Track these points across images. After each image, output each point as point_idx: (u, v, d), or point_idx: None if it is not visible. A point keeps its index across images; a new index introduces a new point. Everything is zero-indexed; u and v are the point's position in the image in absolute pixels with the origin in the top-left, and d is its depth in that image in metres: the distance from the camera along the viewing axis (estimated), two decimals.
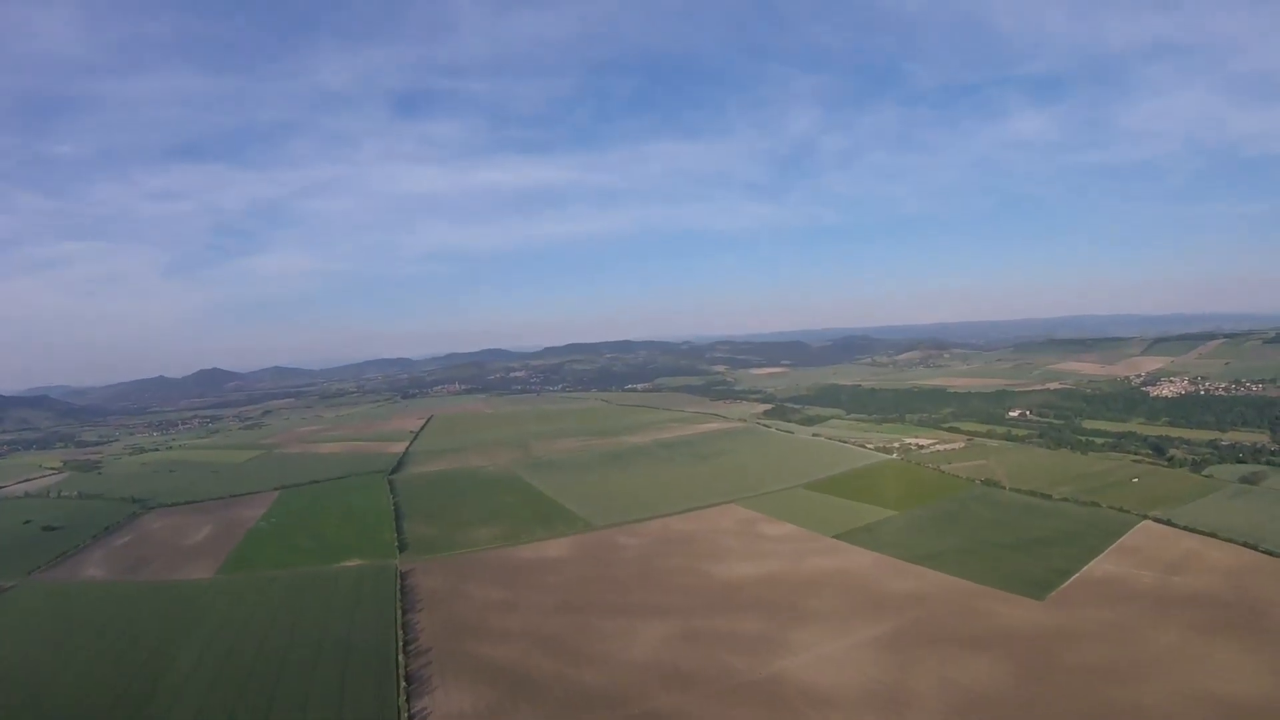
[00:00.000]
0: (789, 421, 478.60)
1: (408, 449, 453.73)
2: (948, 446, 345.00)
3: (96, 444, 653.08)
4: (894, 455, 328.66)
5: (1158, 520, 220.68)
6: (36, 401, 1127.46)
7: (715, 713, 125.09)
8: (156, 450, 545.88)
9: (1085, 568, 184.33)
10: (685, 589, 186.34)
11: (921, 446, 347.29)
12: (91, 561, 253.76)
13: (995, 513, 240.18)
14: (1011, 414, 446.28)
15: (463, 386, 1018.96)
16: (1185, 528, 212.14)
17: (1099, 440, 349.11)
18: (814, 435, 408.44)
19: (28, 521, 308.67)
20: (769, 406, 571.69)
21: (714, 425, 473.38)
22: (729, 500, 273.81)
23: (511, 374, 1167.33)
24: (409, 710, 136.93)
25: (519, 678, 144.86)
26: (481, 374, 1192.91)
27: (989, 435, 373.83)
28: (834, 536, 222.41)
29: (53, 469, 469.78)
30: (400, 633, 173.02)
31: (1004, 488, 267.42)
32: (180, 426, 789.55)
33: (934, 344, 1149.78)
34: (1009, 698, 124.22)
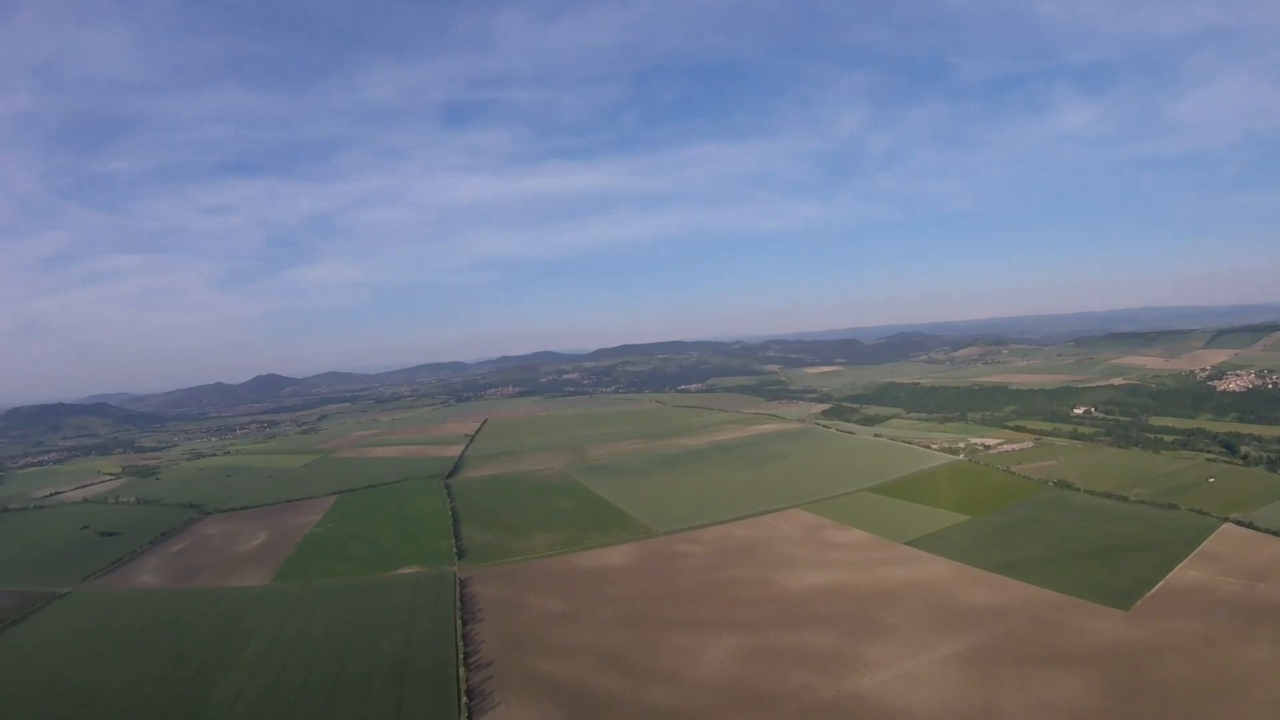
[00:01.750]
0: (848, 422, 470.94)
1: (463, 453, 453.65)
2: (1016, 446, 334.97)
3: (155, 449, 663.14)
4: (961, 456, 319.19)
5: (1238, 523, 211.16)
6: (96, 409, 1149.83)
7: None
8: (214, 455, 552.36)
9: (1169, 576, 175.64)
10: (752, 601, 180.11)
11: (988, 447, 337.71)
12: (146, 568, 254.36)
13: (1072, 517, 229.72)
14: (1076, 411, 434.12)
15: (516, 389, 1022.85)
16: (1268, 531, 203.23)
17: (1168, 438, 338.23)
18: (875, 436, 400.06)
19: (85, 527, 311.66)
20: (827, 406, 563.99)
21: (772, 426, 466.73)
22: (793, 505, 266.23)
23: (564, 376, 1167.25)
24: None
25: (583, 696, 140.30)
26: (534, 376, 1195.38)
27: (1055, 434, 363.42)
28: (906, 544, 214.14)
29: (111, 474, 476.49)
30: (461, 645, 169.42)
31: (1078, 490, 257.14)
32: (237, 431, 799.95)
33: (992, 340, 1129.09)
34: (1103, 718, 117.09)
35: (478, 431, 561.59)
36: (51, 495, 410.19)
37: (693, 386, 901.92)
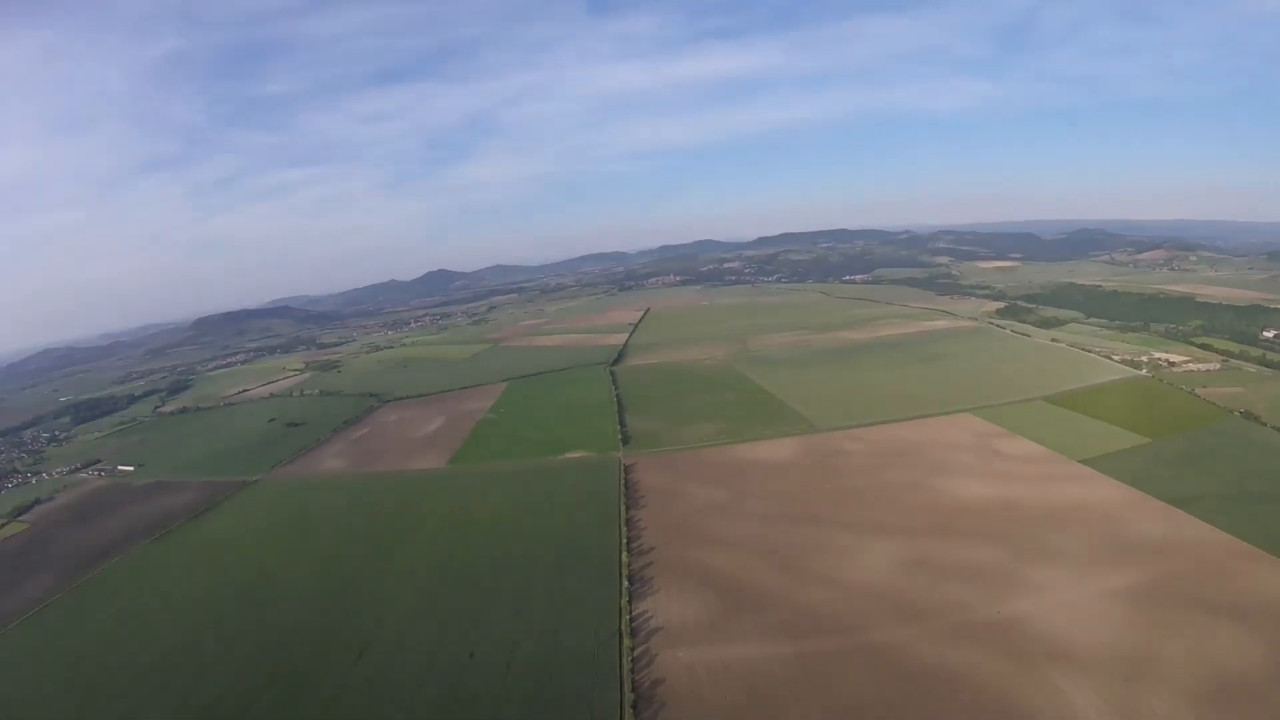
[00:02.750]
0: (1023, 323, 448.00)
1: (627, 341, 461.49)
2: (1201, 366, 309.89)
3: (335, 345, 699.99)
4: (1143, 371, 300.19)
5: None
6: (278, 311, 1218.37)
7: (945, 654, 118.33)
8: (390, 348, 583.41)
9: None
10: (915, 507, 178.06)
11: (1171, 364, 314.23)
12: (330, 454, 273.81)
13: (1257, 454, 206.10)
14: (1266, 334, 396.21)
15: (677, 278, 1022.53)
16: None
17: None
18: (1053, 341, 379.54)
19: (272, 420, 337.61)
20: (1000, 305, 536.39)
21: (941, 323, 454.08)
22: (962, 409, 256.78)
23: (725, 265, 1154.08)
24: (630, 613, 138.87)
25: (741, 590, 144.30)
26: (694, 265, 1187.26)
27: (1243, 357, 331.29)
28: (1080, 461, 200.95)
29: (295, 370, 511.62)
30: (624, 530, 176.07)
31: (1265, 424, 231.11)
32: (412, 325, 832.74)
33: (1178, 244, 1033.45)
34: (1267, 685, 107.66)
35: (640, 320, 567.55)
36: (240, 393, 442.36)
37: (858, 277, 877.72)
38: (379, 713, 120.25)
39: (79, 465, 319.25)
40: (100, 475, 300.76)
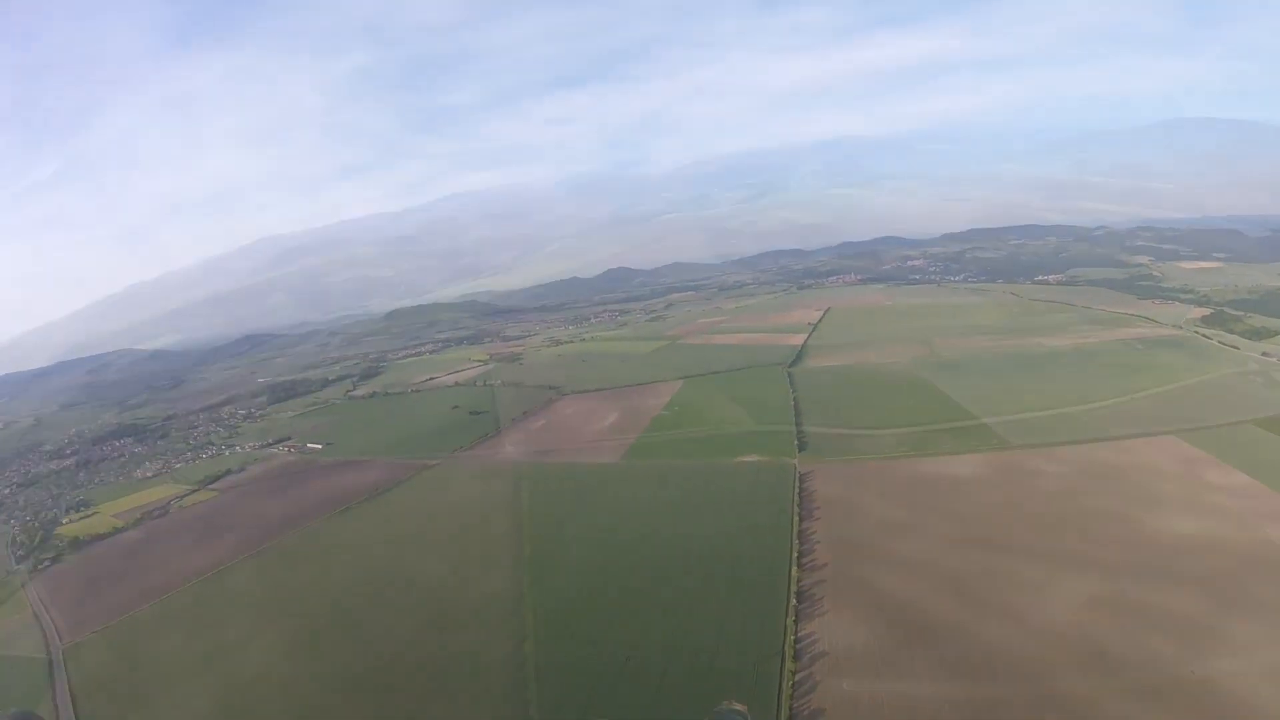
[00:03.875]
0: (1231, 333, 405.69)
1: (806, 342, 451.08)
2: None
3: (518, 338, 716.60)
4: None
5: None
6: (466, 305, 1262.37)
7: (1130, 713, 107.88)
8: (570, 342, 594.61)
9: None
10: (1112, 540, 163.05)
11: None
12: (509, 442, 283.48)
13: None
14: None
15: (858, 276, 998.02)
16: None
17: None
18: (1264, 355, 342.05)
19: (455, 407, 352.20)
20: (1205, 311, 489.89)
21: (1142, 330, 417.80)
22: (1167, 430, 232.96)
23: (909, 262, 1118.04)
24: (795, 633, 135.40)
25: (914, 619, 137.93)
26: (876, 263, 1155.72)
27: None
28: None
29: (479, 361, 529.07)
30: (795, 543, 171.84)
31: None
32: (592, 320, 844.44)
33: None
34: None
35: (820, 320, 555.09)
36: (427, 380, 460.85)
37: (1051, 277, 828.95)
38: (525, 709, 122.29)
39: (270, 441, 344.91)
40: (289, 451, 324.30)
